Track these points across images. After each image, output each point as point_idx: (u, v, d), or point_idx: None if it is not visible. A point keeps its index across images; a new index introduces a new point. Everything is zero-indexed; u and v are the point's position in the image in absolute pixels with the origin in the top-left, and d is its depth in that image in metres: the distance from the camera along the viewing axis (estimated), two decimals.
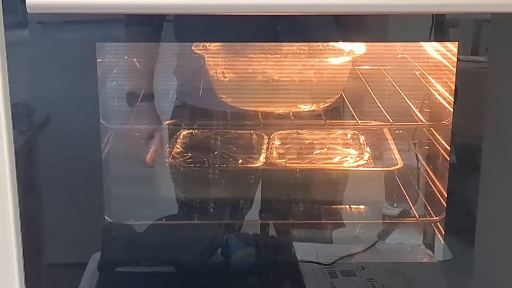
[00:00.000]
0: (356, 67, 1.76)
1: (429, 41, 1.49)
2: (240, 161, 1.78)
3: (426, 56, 1.70)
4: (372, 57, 1.72)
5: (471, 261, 1.48)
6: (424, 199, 1.75)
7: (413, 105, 1.72)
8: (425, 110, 1.72)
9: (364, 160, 1.77)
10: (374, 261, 1.61)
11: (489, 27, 1.37)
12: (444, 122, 1.60)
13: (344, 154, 1.81)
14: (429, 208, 1.70)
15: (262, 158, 1.77)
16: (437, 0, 1.25)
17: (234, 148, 1.82)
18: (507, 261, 1.46)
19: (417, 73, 1.74)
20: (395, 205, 1.81)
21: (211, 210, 1.80)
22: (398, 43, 1.64)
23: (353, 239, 1.73)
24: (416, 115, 1.71)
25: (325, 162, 1.79)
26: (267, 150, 1.80)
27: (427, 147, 1.74)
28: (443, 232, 1.58)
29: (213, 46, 1.68)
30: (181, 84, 1.78)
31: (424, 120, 1.71)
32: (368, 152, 1.80)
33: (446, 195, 1.51)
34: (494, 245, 1.46)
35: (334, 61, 1.68)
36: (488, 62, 1.38)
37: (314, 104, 1.72)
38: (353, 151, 1.82)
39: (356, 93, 1.76)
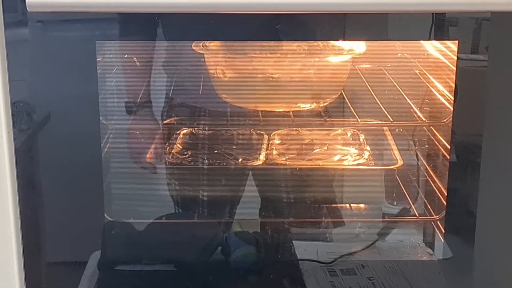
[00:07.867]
0: (356, 66, 1.76)
1: (429, 39, 1.49)
2: (240, 160, 1.78)
3: (426, 54, 1.70)
4: (372, 56, 1.72)
5: (471, 260, 1.48)
6: (424, 198, 1.75)
7: (413, 103, 1.72)
8: (425, 108, 1.72)
9: (364, 158, 1.77)
10: (374, 259, 1.61)
11: (489, 26, 1.37)
12: (444, 120, 1.60)
13: (344, 152, 1.81)
14: (429, 207, 1.70)
15: (262, 157, 1.76)
16: None
17: (234, 147, 1.82)
18: (507, 260, 1.46)
19: (417, 71, 1.74)
20: (395, 203, 1.81)
21: (211, 208, 1.80)
22: (398, 42, 1.64)
23: (353, 237, 1.73)
24: (416, 113, 1.71)
25: (325, 161, 1.79)
26: (267, 148, 1.80)
27: (427, 146, 1.74)
28: (443, 231, 1.58)
29: (213, 44, 1.68)
30: (181, 83, 1.78)
31: (424, 119, 1.71)
32: (368, 150, 1.80)
33: (446, 194, 1.51)
34: (494, 244, 1.46)
35: (334, 59, 1.68)
36: (488, 61, 1.38)
37: (314, 103, 1.72)
38: (353, 150, 1.82)
39: (356, 92, 1.76)
